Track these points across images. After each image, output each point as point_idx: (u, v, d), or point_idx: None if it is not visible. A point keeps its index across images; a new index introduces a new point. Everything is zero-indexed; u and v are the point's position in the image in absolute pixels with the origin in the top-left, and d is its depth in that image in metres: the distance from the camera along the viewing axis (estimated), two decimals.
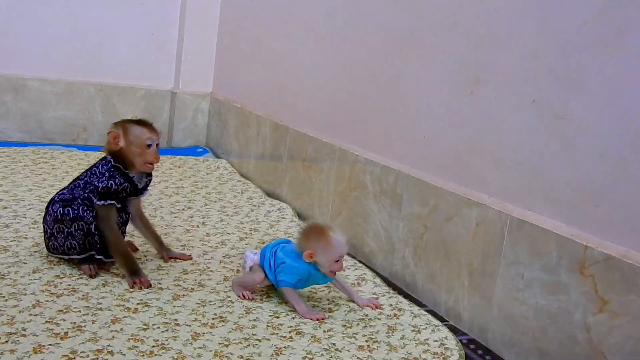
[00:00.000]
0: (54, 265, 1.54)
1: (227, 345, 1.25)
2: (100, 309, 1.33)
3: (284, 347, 1.27)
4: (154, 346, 1.21)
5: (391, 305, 1.55)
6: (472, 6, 1.56)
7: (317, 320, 1.40)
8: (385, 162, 1.84)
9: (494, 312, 1.41)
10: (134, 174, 1.56)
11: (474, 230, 1.49)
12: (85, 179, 1.54)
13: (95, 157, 2.79)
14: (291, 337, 1.32)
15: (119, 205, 1.54)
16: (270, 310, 1.44)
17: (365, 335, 1.37)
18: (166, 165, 2.83)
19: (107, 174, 1.52)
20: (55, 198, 1.55)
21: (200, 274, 1.60)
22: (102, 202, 1.51)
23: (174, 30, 3.33)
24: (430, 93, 1.71)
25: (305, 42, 2.43)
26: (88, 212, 1.50)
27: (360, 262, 1.86)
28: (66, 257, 1.53)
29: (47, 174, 2.44)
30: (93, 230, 1.50)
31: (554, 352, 1.26)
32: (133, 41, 3.26)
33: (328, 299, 1.54)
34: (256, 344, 1.27)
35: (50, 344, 1.16)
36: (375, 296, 1.59)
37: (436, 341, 1.38)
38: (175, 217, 2.08)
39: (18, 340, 1.16)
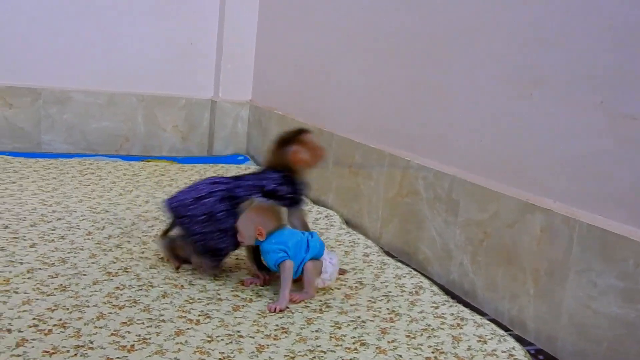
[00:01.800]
0: (113, 276, 1.53)
1: (292, 358, 1.23)
2: (163, 321, 1.32)
3: None
4: (220, 359, 1.19)
5: (452, 314, 1.52)
6: (531, 5, 1.53)
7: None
8: (440, 168, 1.80)
9: (564, 321, 1.37)
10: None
11: (538, 236, 1.44)
12: (254, 181, 1.63)
13: (139, 167, 2.81)
14: (356, 349, 1.29)
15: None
16: (331, 320, 1.41)
17: (431, 347, 1.33)
18: (209, 174, 2.82)
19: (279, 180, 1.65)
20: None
21: (257, 284, 1.59)
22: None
23: (213, 39, 3.35)
24: (487, 96, 1.67)
25: (349, 46, 2.41)
26: None
27: (415, 269, 1.82)
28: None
29: (95, 184, 2.45)
30: None
31: None
32: (173, 51, 3.28)
33: (388, 309, 1.51)
34: (321, 356, 1.24)
35: (118, 357, 1.15)
36: (435, 305, 1.55)
37: (504, 352, 1.34)
38: None
39: (87, 354, 1.15)
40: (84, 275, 1.52)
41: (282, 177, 1.63)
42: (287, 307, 1.45)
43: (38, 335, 1.20)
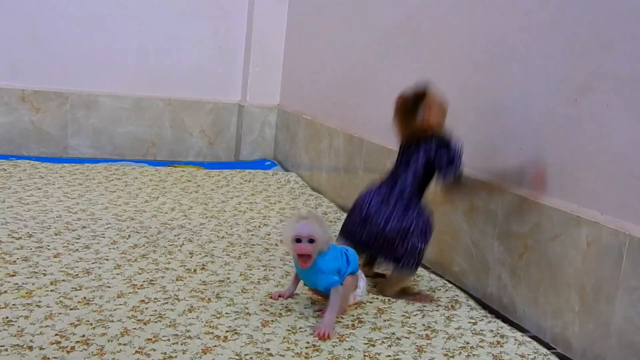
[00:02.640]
0: (138, 289, 1.49)
1: None
2: (190, 337, 1.27)
3: None
4: None
5: (492, 330, 1.44)
6: (577, 7, 1.44)
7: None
8: (476, 177, 1.72)
9: (613, 340, 1.28)
10: None
11: (584, 250, 1.36)
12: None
13: (165, 172, 2.78)
14: None
15: None
16: (364, 337, 1.35)
17: None
18: (236, 180, 2.78)
19: None
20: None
21: (285, 297, 1.53)
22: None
23: (241, 43, 3.30)
24: (527, 101, 1.59)
25: (380, 50, 2.34)
26: None
27: (450, 281, 1.75)
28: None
29: (120, 190, 2.42)
30: None
31: None
32: (200, 55, 3.24)
33: (424, 324, 1.44)
34: None
35: None
36: (472, 321, 1.48)
37: None
38: (252, 234, 2.02)
39: None
40: (109, 287, 1.48)
41: (436, 142, 1.55)
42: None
43: (60, 353, 1.15)
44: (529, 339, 1.41)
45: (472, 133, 1.80)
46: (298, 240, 1.36)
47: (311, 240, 1.36)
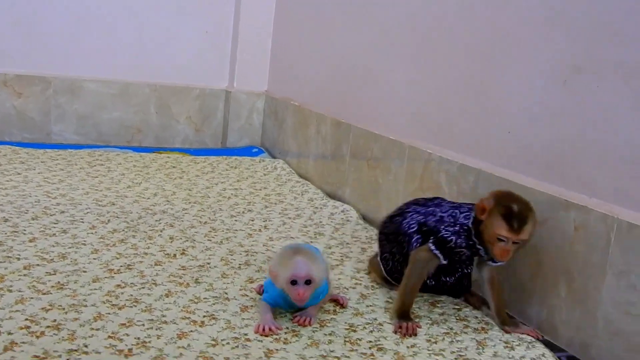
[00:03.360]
0: (114, 274, 1.44)
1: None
2: (165, 322, 1.23)
3: None
4: None
5: (476, 317, 1.41)
6: None
7: (262, 333, 1.22)
8: (464, 161, 1.69)
9: (599, 326, 1.25)
10: (481, 247, 1.34)
11: (572, 235, 1.33)
12: (443, 215, 1.39)
13: (150, 159, 2.73)
14: (372, 354, 1.19)
15: (444, 262, 1.36)
16: (346, 323, 1.31)
17: (454, 352, 1.23)
18: (222, 167, 2.74)
19: (457, 227, 1.35)
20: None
21: None
22: (433, 247, 1.35)
23: (229, 28, 3.24)
24: (516, 84, 1.55)
25: (370, 34, 2.30)
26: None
27: None
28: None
29: (103, 176, 2.37)
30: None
31: None
32: (187, 40, 3.19)
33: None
34: None
35: None
36: (457, 307, 1.45)
37: (533, 359, 1.24)
38: (236, 220, 1.98)
39: (80, 359, 1.06)
40: (84, 272, 1.43)
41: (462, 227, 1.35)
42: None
43: (29, 338, 1.11)
44: None
45: (461, 118, 1.76)
46: (293, 282, 1.26)
47: (308, 282, 1.25)
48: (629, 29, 1.25)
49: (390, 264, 1.49)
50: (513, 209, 1.27)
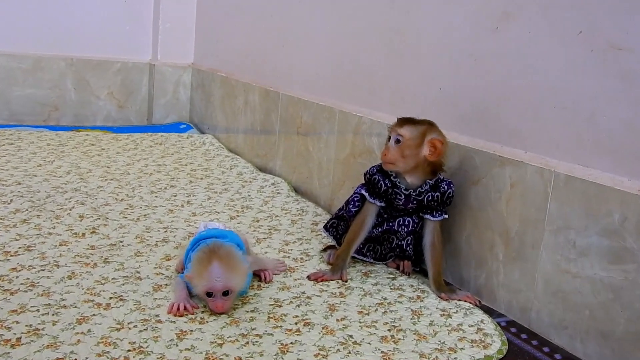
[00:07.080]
0: (10, 256, 1.29)
1: (221, 344, 1.01)
2: (64, 307, 1.09)
3: None
4: (129, 350, 0.97)
5: (412, 285, 1.32)
6: None
7: (176, 313, 1.10)
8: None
9: (539, 288, 1.18)
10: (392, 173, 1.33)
11: (508, 193, 1.25)
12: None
13: (66, 137, 2.54)
14: (298, 330, 1.09)
15: (372, 201, 1.35)
16: (270, 298, 1.20)
17: (387, 323, 1.13)
18: (146, 143, 2.57)
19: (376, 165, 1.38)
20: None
21: None
22: (361, 189, 1.38)
23: None
24: (443, 36, 1.46)
25: None
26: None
27: None
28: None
29: (11, 155, 2.18)
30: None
31: (619, 332, 1.03)
32: (105, 10, 2.98)
33: (338, 282, 1.30)
34: (255, 341, 1.03)
35: None
36: (391, 276, 1.36)
37: (471, 326, 1.16)
38: (156, 196, 1.83)
39: None
40: None
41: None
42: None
43: None
44: None
45: (392, 77, 1.67)
46: (209, 294, 1.12)
47: (225, 293, 1.12)
48: None
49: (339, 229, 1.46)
50: (412, 117, 1.32)
